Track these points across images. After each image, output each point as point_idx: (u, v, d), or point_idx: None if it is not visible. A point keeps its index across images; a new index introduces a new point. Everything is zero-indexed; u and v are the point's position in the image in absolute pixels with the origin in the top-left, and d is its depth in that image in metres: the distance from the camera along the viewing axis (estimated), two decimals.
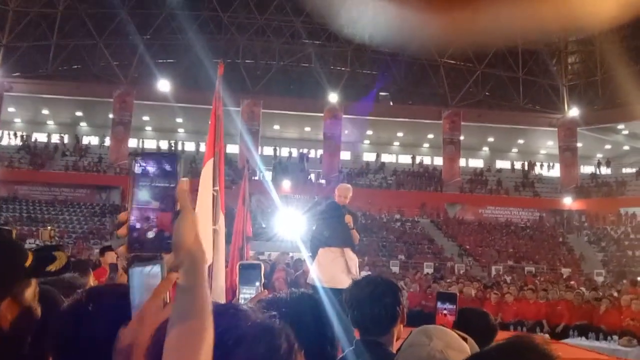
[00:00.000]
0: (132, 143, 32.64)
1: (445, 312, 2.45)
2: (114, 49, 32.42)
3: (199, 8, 32.33)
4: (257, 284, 1.79)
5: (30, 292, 1.27)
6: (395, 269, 22.09)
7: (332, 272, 5.40)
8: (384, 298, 2.04)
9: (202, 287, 0.87)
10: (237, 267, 1.90)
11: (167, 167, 0.91)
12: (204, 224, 3.09)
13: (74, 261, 3.53)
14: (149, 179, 0.90)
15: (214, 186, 3.31)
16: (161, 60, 32.76)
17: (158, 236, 0.88)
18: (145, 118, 33.48)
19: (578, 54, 35.02)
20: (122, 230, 0.89)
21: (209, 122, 3.46)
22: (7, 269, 1.28)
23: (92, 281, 3.02)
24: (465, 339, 1.43)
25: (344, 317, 1.94)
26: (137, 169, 0.91)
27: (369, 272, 14.35)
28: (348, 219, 5.61)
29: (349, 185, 6.33)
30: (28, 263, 1.29)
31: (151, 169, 0.91)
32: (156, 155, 0.92)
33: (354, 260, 5.59)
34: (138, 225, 0.89)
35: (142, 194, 0.90)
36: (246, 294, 1.75)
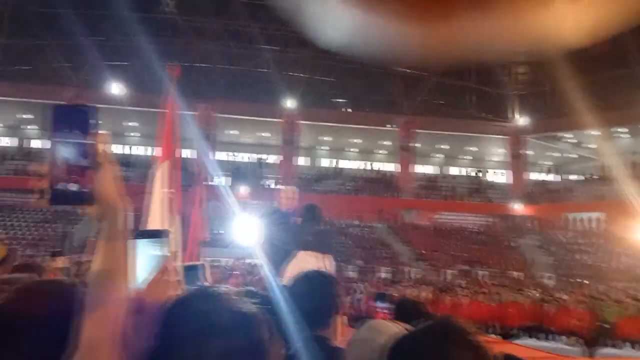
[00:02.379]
0: None
1: (384, 310, 2.62)
2: (65, 50, 31.43)
3: (156, 10, 31.78)
4: (199, 284, 1.78)
5: None
6: (354, 274, 22.23)
7: None
8: (321, 290, 2.06)
9: (124, 236, 0.92)
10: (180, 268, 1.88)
11: (85, 120, 0.90)
12: (159, 225, 3.06)
13: (27, 264, 3.43)
14: (67, 131, 0.90)
15: (169, 188, 3.28)
16: (115, 63, 31.98)
17: (80, 189, 0.88)
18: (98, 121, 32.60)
19: (527, 65, 36.23)
20: (42, 183, 0.89)
21: (165, 125, 3.42)
22: None
23: None
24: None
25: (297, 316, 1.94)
26: (56, 122, 0.90)
27: None
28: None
29: (293, 187, 6.34)
30: None
31: (69, 122, 0.90)
32: (74, 108, 0.92)
33: (332, 268, 5.60)
34: (59, 179, 0.88)
35: (61, 148, 0.89)
36: None
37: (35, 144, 33.50)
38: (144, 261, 0.99)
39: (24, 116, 32.61)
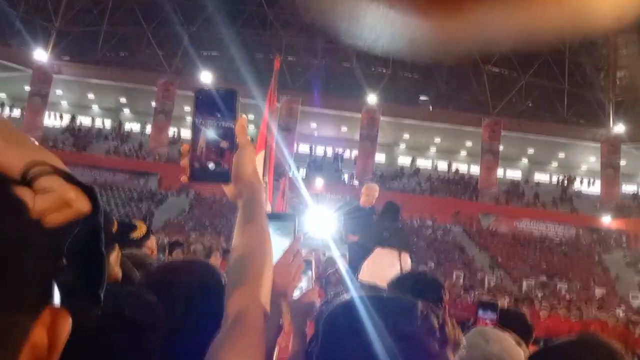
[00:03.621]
0: (173, 132, 33.30)
1: (487, 321, 2.44)
2: (160, 39, 33.11)
3: (246, 2, 32.73)
4: (307, 277, 1.79)
5: (115, 257, 1.35)
6: None
7: (385, 272, 5.41)
8: (425, 293, 2.03)
9: (262, 216, 0.93)
10: None
11: (226, 104, 0.94)
12: None
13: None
14: (210, 114, 0.93)
15: (263, 177, 3.38)
16: (205, 53, 33.28)
17: (218, 168, 0.92)
18: (187, 108, 34.06)
19: (627, 69, 34.00)
20: (184, 161, 0.93)
21: (263, 116, 3.52)
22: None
23: None
24: (519, 344, 1.44)
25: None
26: (199, 104, 0.94)
27: None
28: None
29: (374, 185, 6.32)
30: (114, 229, 1.36)
31: (211, 105, 0.94)
32: (216, 92, 0.96)
33: (409, 265, 5.57)
34: (199, 158, 0.92)
35: (203, 129, 0.93)
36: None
37: (129, 126, 35.55)
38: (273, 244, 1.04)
39: (121, 99, 34.70)
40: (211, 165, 0.92)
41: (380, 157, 34.67)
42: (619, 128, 31.92)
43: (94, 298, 0.46)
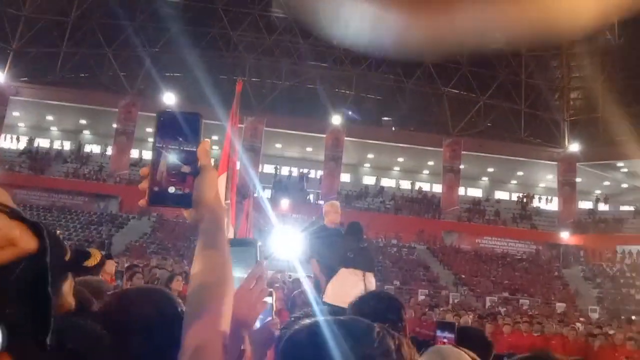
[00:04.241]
0: (134, 154, 32.75)
1: (445, 340, 2.47)
2: (122, 60, 32.73)
3: (209, 25, 32.76)
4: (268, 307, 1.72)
5: (68, 286, 1.31)
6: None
7: (350, 293, 5.41)
8: (387, 313, 2.03)
9: (222, 241, 0.90)
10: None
11: (190, 127, 0.91)
12: None
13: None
14: (172, 137, 0.91)
15: (225, 199, 3.36)
16: (168, 74, 33.05)
17: (178, 192, 0.89)
18: (149, 129, 33.62)
19: (580, 90, 35.37)
20: (143, 185, 0.90)
21: (225, 137, 3.52)
22: (51, 261, 1.34)
23: None
24: None
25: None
26: (161, 127, 0.92)
27: None
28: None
29: (336, 202, 6.36)
30: (67, 257, 1.33)
31: (174, 128, 0.91)
32: (179, 115, 0.93)
33: (373, 286, 5.56)
34: (159, 182, 0.89)
35: (164, 153, 0.90)
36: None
37: (89, 148, 34.80)
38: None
39: (81, 121, 33.98)
40: (172, 189, 0.89)
41: (345, 177, 34.90)
42: (573, 147, 33.07)
43: (40, 344, 0.44)
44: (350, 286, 5.38)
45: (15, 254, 0.41)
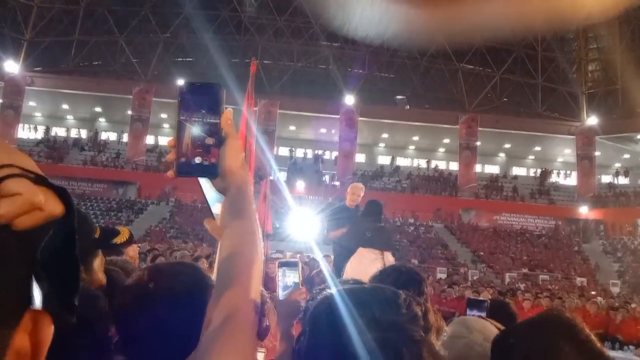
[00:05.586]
0: (150, 140, 32.99)
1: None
2: (134, 46, 32.79)
3: (219, 8, 32.60)
4: (295, 277, 1.78)
5: (98, 262, 1.34)
6: None
7: (368, 271, 5.43)
8: (407, 287, 2.03)
9: (250, 209, 0.91)
10: (277, 264, 1.90)
11: (211, 99, 0.93)
12: None
13: None
14: (194, 110, 0.92)
15: None
16: (181, 59, 33.08)
17: (205, 162, 0.90)
18: (163, 115, 33.78)
19: (598, 62, 34.68)
20: (171, 155, 0.91)
21: (240, 119, 3.51)
22: (81, 239, 1.37)
23: None
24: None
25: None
26: (184, 100, 0.93)
27: None
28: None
29: (360, 184, 6.35)
30: (97, 235, 1.36)
31: (196, 101, 0.92)
32: (201, 86, 0.95)
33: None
34: (185, 154, 0.90)
35: (187, 125, 0.91)
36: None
37: (105, 136, 35.12)
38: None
39: (96, 109, 34.25)
40: (198, 160, 0.90)
41: (360, 157, 34.82)
42: (592, 120, 32.51)
43: (68, 306, 0.45)
44: (368, 265, 5.39)
45: (43, 218, 0.41)
